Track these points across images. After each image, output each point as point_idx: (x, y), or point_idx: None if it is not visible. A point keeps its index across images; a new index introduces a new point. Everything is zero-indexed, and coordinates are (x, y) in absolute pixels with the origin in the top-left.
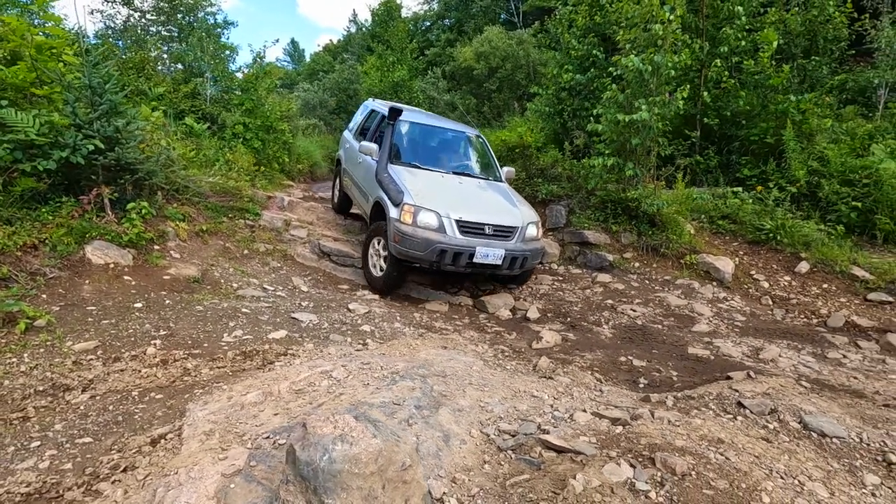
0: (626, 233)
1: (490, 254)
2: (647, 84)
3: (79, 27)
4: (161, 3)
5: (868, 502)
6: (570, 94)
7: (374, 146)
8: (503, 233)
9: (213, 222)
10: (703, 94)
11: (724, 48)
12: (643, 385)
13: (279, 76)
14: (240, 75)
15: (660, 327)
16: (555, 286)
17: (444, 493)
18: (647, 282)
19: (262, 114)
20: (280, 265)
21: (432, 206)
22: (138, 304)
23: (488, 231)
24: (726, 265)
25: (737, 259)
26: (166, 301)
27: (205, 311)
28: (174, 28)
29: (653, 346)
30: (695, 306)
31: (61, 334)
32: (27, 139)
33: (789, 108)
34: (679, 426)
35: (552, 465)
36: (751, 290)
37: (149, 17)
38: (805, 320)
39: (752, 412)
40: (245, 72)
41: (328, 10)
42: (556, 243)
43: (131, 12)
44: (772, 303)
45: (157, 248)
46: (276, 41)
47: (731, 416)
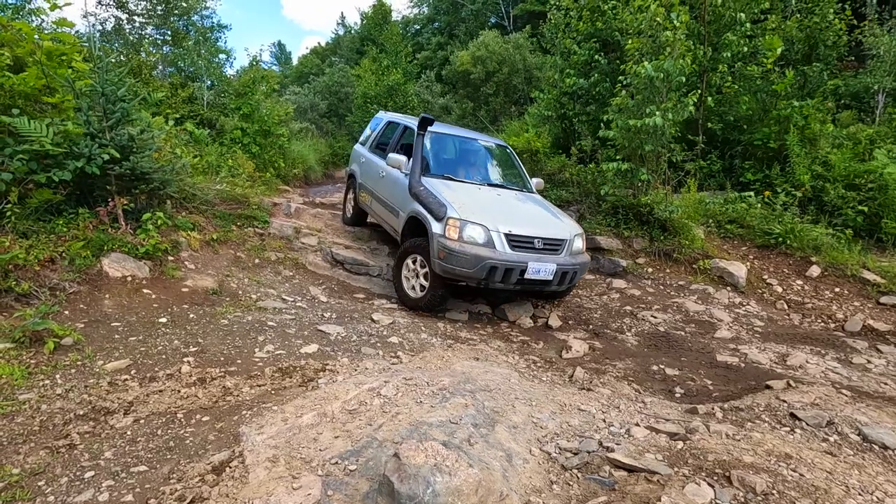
0: (638, 238)
1: (541, 269)
2: (657, 90)
3: (90, 32)
4: (155, 7)
5: None
6: (572, 98)
7: (403, 158)
8: (553, 246)
9: (223, 231)
10: (707, 99)
11: (727, 54)
12: (680, 394)
13: (276, 80)
14: (233, 76)
15: (683, 334)
16: (572, 292)
17: None
18: (663, 287)
19: (260, 118)
20: (293, 274)
21: (479, 220)
22: (163, 319)
23: (538, 245)
24: (739, 270)
25: (748, 263)
26: (190, 315)
27: (230, 324)
28: (168, 31)
29: (680, 354)
30: (713, 312)
31: (91, 353)
32: (42, 149)
33: (793, 113)
34: (740, 440)
35: (627, 485)
36: (765, 295)
37: (142, 20)
38: (823, 325)
39: (808, 424)
40: (240, 76)
41: (313, 13)
42: None
43: (123, 15)
44: (787, 307)
45: (171, 259)
46: (274, 45)
47: (789, 428)
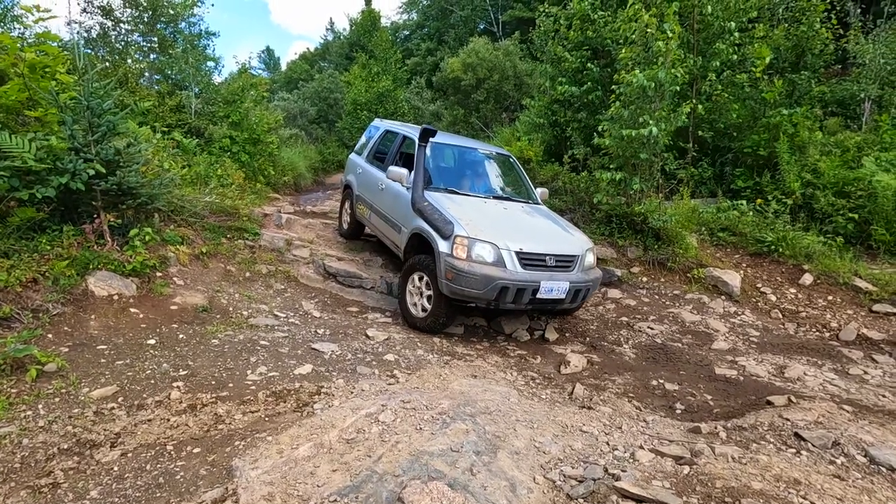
0: (632, 247)
1: (554, 288)
2: (650, 100)
3: (75, 40)
4: (141, 14)
5: None
6: (564, 105)
7: (404, 171)
8: (565, 263)
9: (213, 244)
10: (698, 108)
11: (717, 62)
12: (681, 411)
13: (266, 87)
14: (221, 84)
15: (680, 346)
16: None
17: None
18: (658, 297)
19: (249, 126)
20: (284, 287)
21: (488, 238)
22: (151, 341)
23: (550, 262)
24: (734, 279)
25: (741, 272)
26: (179, 335)
27: (221, 344)
28: (154, 39)
29: (679, 367)
30: (709, 322)
31: (75, 380)
32: (25, 165)
33: (782, 121)
34: (747, 464)
35: None
36: (759, 304)
37: (128, 26)
38: (818, 334)
39: (814, 445)
40: (228, 83)
41: (301, 18)
42: None
43: (108, 23)
44: (782, 316)
45: (159, 275)
46: (262, 52)
47: (794, 450)
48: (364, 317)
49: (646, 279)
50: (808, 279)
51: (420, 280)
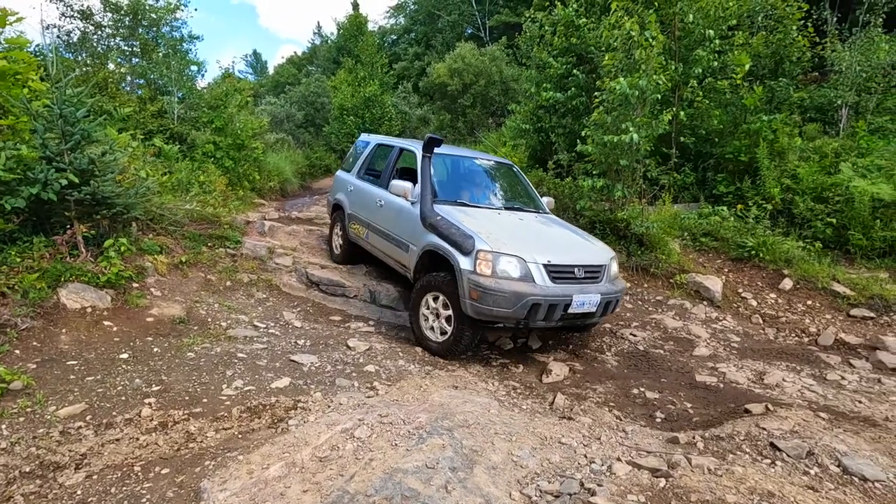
0: (616, 253)
1: (586, 301)
2: (632, 106)
3: (53, 44)
4: (123, 18)
5: None
6: (549, 111)
7: (408, 185)
8: (593, 274)
9: (193, 253)
10: (680, 114)
11: (698, 69)
12: (661, 420)
13: (251, 90)
14: (204, 89)
15: (662, 352)
16: None
17: None
18: (641, 302)
19: (233, 132)
20: (266, 296)
21: (513, 251)
22: (124, 355)
23: (579, 274)
24: (715, 284)
25: (723, 277)
26: (154, 349)
27: (197, 358)
28: (136, 43)
29: (660, 375)
30: (691, 328)
31: (42, 398)
32: None
33: (762, 127)
34: (722, 476)
35: None
36: (741, 309)
37: (108, 30)
38: (797, 339)
39: (789, 455)
40: (213, 88)
41: (289, 22)
42: None
43: (89, 26)
44: (762, 321)
45: (135, 286)
46: (246, 57)
47: (770, 460)
48: (346, 326)
49: (629, 285)
50: (787, 284)
51: (436, 301)
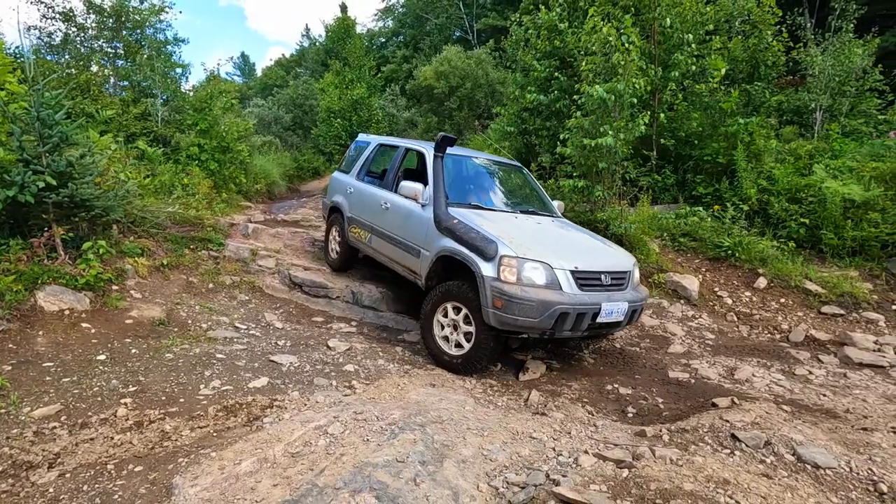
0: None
1: (614, 310)
2: (609, 111)
3: (25, 52)
4: (106, 20)
5: None
6: (532, 114)
7: (419, 187)
8: (619, 280)
9: (175, 255)
10: (660, 117)
11: (676, 73)
12: (632, 415)
13: (236, 91)
14: (189, 91)
15: (638, 350)
16: None
17: None
18: None
19: (218, 134)
20: (248, 298)
21: (538, 257)
22: (101, 357)
23: (605, 281)
24: (692, 283)
25: (700, 276)
26: (132, 350)
27: (175, 359)
28: (120, 45)
29: (635, 372)
30: (667, 326)
31: (17, 399)
32: None
33: (739, 130)
34: (682, 466)
35: None
36: (716, 307)
37: (91, 32)
38: (769, 336)
39: (747, 446)
40: (197, 90)
41: (278, 24)
42: None
43: (71, 28)
44: (737, 319)
45: (115, 288)
46: (231, 59)
47: (729, 450)
48: (328, 327)
49: None
50: (762, 283)
51: (457, 312)
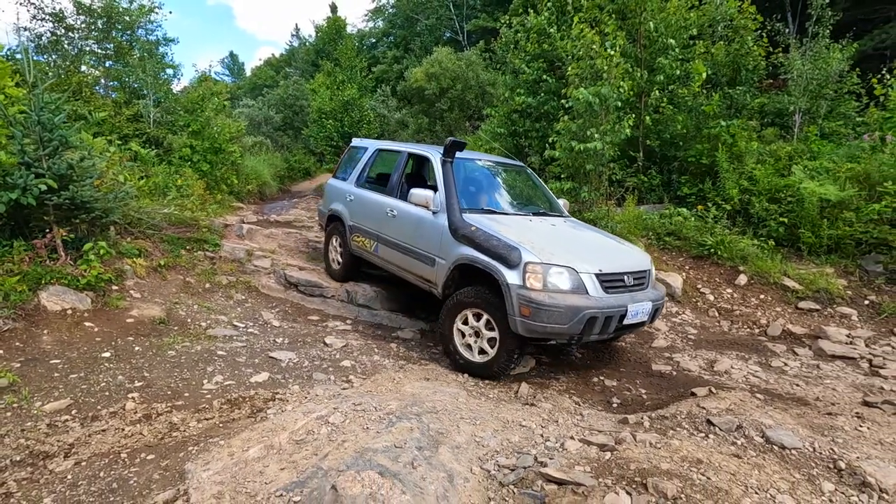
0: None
1: (639, 311)
2: (596, 114)
3: (24, 53)
4: (95, 21)
5: None
6: (522, 116)
7: (430, 193)
8: (640, 280)
9: (171, 256)
10: (646, 119)
11: (661, 77)
12: (616, 405)
13: (228, 92)
14: (180, 92)
15: (623, 345)
16: None
17: None
18: None
19: (210, 135)
20: (245, 298)
21: (562, 261)
22: (106, 354)
23: (628, 282)
24: (676, 281)
25: (684, 274)
26: (135, 347)
27: (178, 356)
28: (110, 45)
29: (620, 365)
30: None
31: (28, 394)
32: None
33: (721, 132)
34: (661, 448)
35: (555, 498)
36: (699, 304)
37: (81, 32)
38: (748, 330)
39: (721, 430)
40: (189, 91)
41: (267, 24)
42: None
43: (60, 28)
44: (718, 315)
45: (115, 288)
46: (223, 61)
47: (704, 434)
48: (324, 325)
49: None
50: (743, 280)
51: (478, 318)
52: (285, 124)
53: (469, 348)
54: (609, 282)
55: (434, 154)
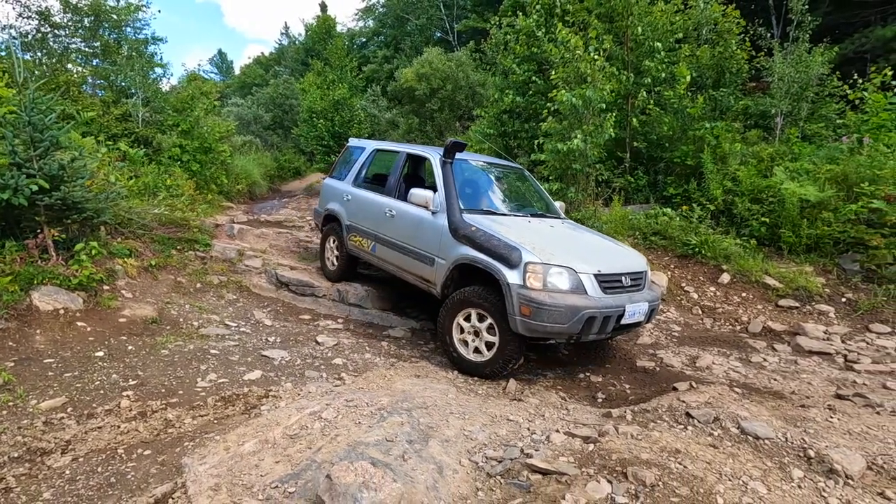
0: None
1: (636, 311)
2: (581, 116)
3: (12, 53)
4: (82, 19)
5: (796, 493)
6: (512, 116)
7: (429, 194)
8: (637, 281)
9: (162, 256)
10: (633, 121)
11: (647, 79)
12: (601, 400)
13: (217, 92)
14: (169, 91)
15: (610, 342)
16: None
17: None
18: None
19: (200, 135)
20: (236, 297)
21: (562, 262)
22: (99, 353)
23: (626, 282)
24: (662, 279)
25: (669, 272)
26: (128, 347)
27: (171, 354)
28: (97, 44)
29: (606, 361)
30: None
31: (23, 392)
32: None
33: (706, 134)
34: (641, 440)
35: (540, 486)
36: (683, 302)
37: (67, 30)
38: (730, 327)
39: (699, 422)
40: (178, 90)
41: (255, 22)
42: None
43: (45, 26)
44: (701, 312)
45: (107, 288)
46: (211, 59)
47: (683, 426)
48: (316, 324)
49: None
50: (725, 278)
51: (480, 320)
52: (275, 123)
53: (467, 346)
54: (607, 282)
55: (433, 155)
